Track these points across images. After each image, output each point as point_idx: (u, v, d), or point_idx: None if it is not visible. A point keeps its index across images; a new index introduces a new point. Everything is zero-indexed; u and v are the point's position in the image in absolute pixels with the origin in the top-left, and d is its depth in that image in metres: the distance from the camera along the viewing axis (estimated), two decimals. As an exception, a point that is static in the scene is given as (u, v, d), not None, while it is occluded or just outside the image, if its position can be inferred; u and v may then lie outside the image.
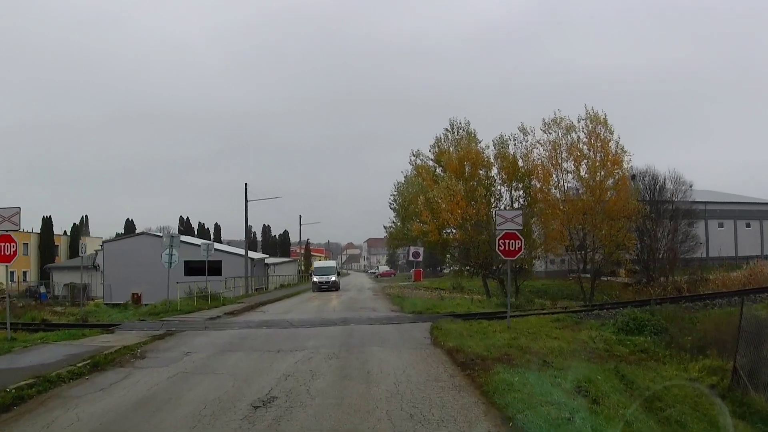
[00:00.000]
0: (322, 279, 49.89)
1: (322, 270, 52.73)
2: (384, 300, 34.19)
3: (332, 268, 54.13)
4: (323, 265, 57.95)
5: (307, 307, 28.08)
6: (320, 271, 52.58)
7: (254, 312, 26.11)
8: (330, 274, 51.01)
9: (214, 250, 51.18)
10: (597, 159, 38.11)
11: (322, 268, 54.35)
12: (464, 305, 25.95)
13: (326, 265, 57.36)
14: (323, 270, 52.61)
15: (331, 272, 51.58)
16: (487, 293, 40.82)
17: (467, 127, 40.03)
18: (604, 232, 37.91)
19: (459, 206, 36.09)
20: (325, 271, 51.88)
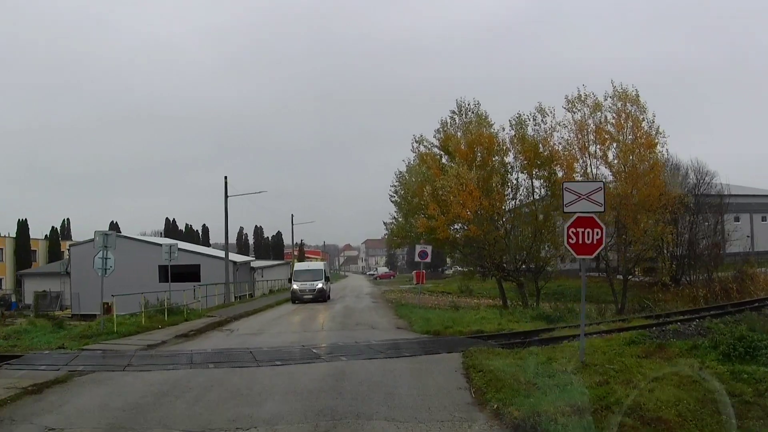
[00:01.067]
0: (304, 286, 36.25)
1: (304, 274, 38.05)
2: (386, 310, 27.94)
3: (319, 271, 38.31)
4: (306, 267, 41.60)
5: (287, 324, 21.86)
6: (302, 275, 37.87)
7: (217, 332, 19.83)
8: (315, 279, 37.00)
9: (193, 253, 45.59)
10: (627, 141, 31.96)
11: (304, 271, 38.96)
12: (491, 318, 19.76)
13: (310, 267, 41.24)
14: (306, 274, 37.94)
15: (316, 277, 37.22)
16: (503, 299, 34.70)
17: (477, 109, 33.82)
18: (642, 225, 31.87)
19: (472, 197, 30.00)
20: (308, 276, 37.57)
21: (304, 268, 41.04)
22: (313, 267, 41.39)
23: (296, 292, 36.07)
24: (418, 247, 29.26)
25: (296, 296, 35.80)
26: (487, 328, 17.44)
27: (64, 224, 79.64)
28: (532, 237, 32.34)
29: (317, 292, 35.83)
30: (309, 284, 36.22)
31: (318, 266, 41.06)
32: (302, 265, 44.38)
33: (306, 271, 39.10)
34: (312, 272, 38.18)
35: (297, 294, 35.94)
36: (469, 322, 18.61)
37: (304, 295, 35.52)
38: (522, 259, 33.12)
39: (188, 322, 22.87)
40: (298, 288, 36.23)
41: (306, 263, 49.55)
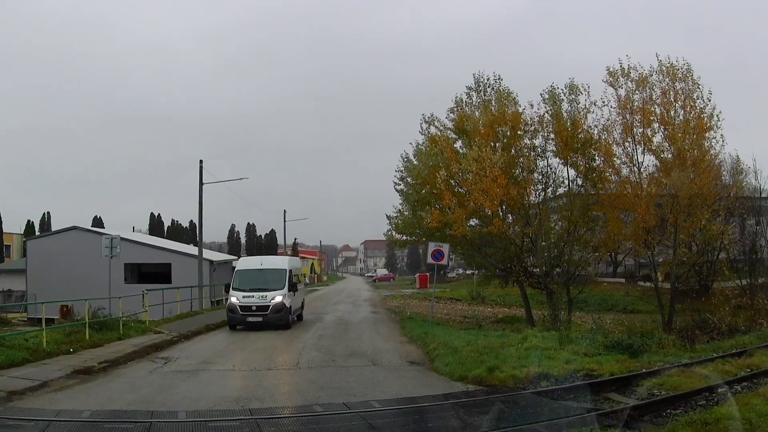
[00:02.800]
0: (249, 300, 20.86)
1: (251, 278, 21.93)
2: (389, 326, 21.38)
3: (278, 273, 21.99)
4: (256, 266, 23.30)
5: (249, 351, 15.13)
6: (247, 279, 21.89)
7: (143, 364, 13.13)
8: (271, 287, 21.15)
9: (163, 250, 38.99)
10: (677, 123, 25.47)
11: (251, 273, 22.36)
12: (545, 347, 13.14)
13: (264, 266, 23.11)
14: (254, 278, 21.85)
15: (273, 283, 21.36)
16: (527, 310, 28.20)
17: (498, 85, 27.00)
18: (703, 222, 25.47)
19: (496, 185, 23.44)
20: (257, 280, 21.64)
21: (253, 266, 22.97)
22: (269, 265, 22.92)
23: (235, 310, 20.63)
24: (432, 246, 22.72)
25: (235, 317, 20.70)
26: (553, 367, 10.91)
27: (44, 218, 72.89)
28: (566, 235, 25.70)
29: (273, 312, 20.27)
30: (258, 296, 20.65)
31: (278, 263, 23.40)
32: (250, 262, 24.52)
33: (255, 272, 22.10)
34: (266, 274, 21.73)
35: (236, 313, 20.65)
36: (519, 355, 12.05)
37: (249, 317, 20.41)
38: (553, 261, 26.54)
39: (121, 341, 16.35)
40: (238, 303, 20.65)
41: (258, 258, 26.68)
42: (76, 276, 33.70)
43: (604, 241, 25.99)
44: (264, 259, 25.50)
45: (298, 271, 25.58)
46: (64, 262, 36.42)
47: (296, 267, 25.52)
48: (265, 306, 20.57)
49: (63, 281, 34.56)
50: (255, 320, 20.43)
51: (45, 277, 36.91)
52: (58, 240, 38.46)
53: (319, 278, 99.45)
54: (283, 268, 22.40)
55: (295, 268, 24.57)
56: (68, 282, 33.56)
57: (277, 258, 28.22)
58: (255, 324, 20.30)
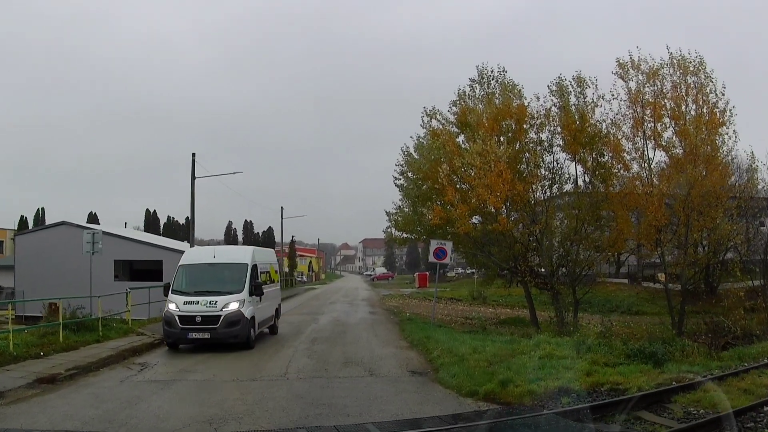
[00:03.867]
0: (190, 309, 14.69)
1: (199, 275, 15.85)
2: (388, 328, 20.03)
3: (238, 268, 15.78)
4: (207, 258, 16.64)
5: (230, 366, 12.51)
6: (195, 277, 15.79)
7: (117, 371, 11.65)
8: (228, 288, 15.24)
9: (154, 247, 37.62)
10: (689, 118, 24.21)
11: (200, 267, 16.16)
12: (561, 355, 11.81)
13: (217, 259, 16.50)
14: (204, 276, 15.85)
15: (230, 283, 15.40)
16: (531, 312, 26.88)
17: (502, 77, 25.62)
18: (718, 222, 24.27)
19: (502, 180, 22.12)
20: (208, 280, 15.69)
21: (202, 260, 16.68)
22: (224, 258, 16.66)
23: (172, 322, 14.70)
24: (434, 243, 21.38)
25: (172, 332, 14.75)
26: (573, 380, 9.61)
27: (38, 214, 71.50)
28: (573, 234, 24.34)
29: (225, 325, 14.54)
30: (205, 303, 14.72)
31: (237, 256, 16.89)
32: (198, 255, 17.86)
33: (205, 268, 16.09)
34: (219, 271, 15.92)
35: (173, 326, 14.69)
36: (533, 365, 10.73)
37: (191, 332, 14.52)
38: (560, 261, 25.23)
39: (98, 344, 15.07)
40: (177, 312, 14.74)
41: (210, 249, 19.21)
42: (66, 272, 32.40)
43: (613, 240, 24.59)
44: (219, 249, 18.29)
45: (267, 267, 18.07)
46: (54, 258, 35.18)
47: (265, 261, 17.90)
48: (213, 317, 14.22)
49: (52, 277, 33.33)
50: (199, 337, 14.18)
51: (34, 273, 35.64)
52: (47, 235, 37.14)
53: (317, 277, 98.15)
54: (243, 262, 15.68)
55: (263, 263, 17.40)
56: (57, 278, 32.29)
57: (237, 249, 21.12)
58: (200, 342, 14.35)
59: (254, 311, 15.51)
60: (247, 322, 14.86)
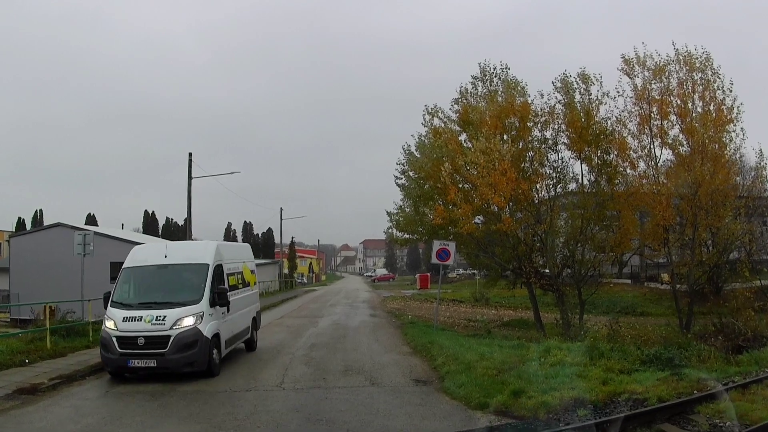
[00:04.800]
0: (131, 327, 11.06)
1: (146, 281, 12.29)
2: (390, 332, 19.31)
3: (195, 271, 12.10)
4: (157, 260, 12.50)
5: (222, 377, 11.38)
6: (140, 283, 12.27)
7: (85, 389, 10.66)
8: (180, 298, 11.66)
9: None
10: (696, 115, 23.66)
11: (147, 270, 12.35)
12: (573, 362, 11.13)
13: (171, 261, 12.49)
14: (152, 281, 12.30)
15: (184, 291, 11.89)
16: (536, 314, 26.18)
17: (505, 75, 25.01)
18: (727, 221, 23.79)
19: (506, 178, 21.50)
20: (157, 286, 12.18)
21: (151, 260, 12.65)
22: (179, 258, 12.73)
23: (109, 345, 11.14)
24: (436, 244, 20.71)
25: (110, 358, 11.15)
26: (589, 390, 8.97)
27: (36, 215, 70.91)
28: (578, 233, 23.68)
29: (176, 348, 10.94)
30: (150, 318, 11.11)
31: (195, 254, 12.91)
32: (146, 254, 13.15)
33: (153, 271, 12.45)
34: (172, 275, 12.47)
35: (111, 351, 11.10)
36: (545, 373, 10.07)
37: (132, 359, 10.95)
38: (564, 262, 24.59)
39: (88, 350, 14.50)
40: (114, 333, 11.16)
41: (161, 247, 13.75)
42: (61, 274, 31.63)
43: (619, 240, 23.92)
44: (172, 246, 13.81)
45: (239, 267, 14.30)
46: (49, 260, 34.48)
47: (236, 259, 14.21)
48: (161, 337, 10.84)
49: (48, 280, 32.68)
50: (142, 365, 10.79)
51: (29, 275, 35.02)
52: (43, 237, 36.53)
53: (317, 278, 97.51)
54: (202, 262, 12.08)
55: (233, 262, 13.80)
56: (53, 281, 31.64)
57: (196, 245, 15.77)
58: (144, 372, 10.97)
59: (218, 327, 11.77)
60: (206, 342, 11.09)
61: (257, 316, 15.88)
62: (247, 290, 14.89)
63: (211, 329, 11.49)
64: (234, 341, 13.30)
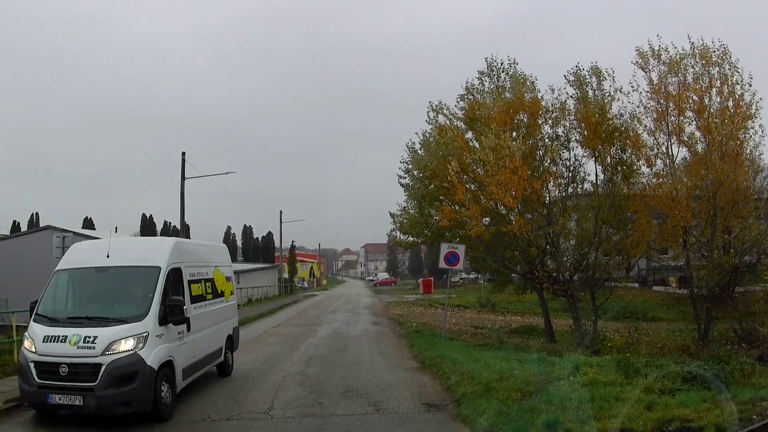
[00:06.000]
0: (52, 350, 8.39)
1: (81, 288, 9.75)
2: (394, 342, 17.86)
3: (143, 276, 9.38)
4: (97, 261, 9.62)
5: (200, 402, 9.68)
6: (74, 291, 9.78)
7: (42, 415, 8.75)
8: (118, 313, 8.94)
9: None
10: (713, 111, 22.27)
11: (84, 274, 9.71)
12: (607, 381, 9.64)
13: (114, 263, 9.51)
14: (87, 289, 9.74)
15: (125, 304, 9.22)
16: (546, 320, 24.76)
17: (513, 69, 23.61)
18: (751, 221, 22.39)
19: (517, 177, 20.06)
20: (93, 296, 9.61)
21: (90, 262, 9.79)
22: (123, 260, 9.64)
23: (26, 372, 8.60)
24: (445, 247, 19.26)
25: (27, 390, 8.56)
26: (634, 418, 7.48)
27: (32, 219, 69.46)
28: (592, 236, 22.20)
29: (109, 383, 8.15)
30: (77, 340, 8.35)
31: (143, 254, 9.92)
32: (85, 254, 10.22)
33: (91, 275, 9.70)
34: (113, 282, 9.58)
35: (28, 381, 8.54)
36: (578, 396, 8.56)
37: (52, 393, 8.25)
38: (577, 265, 23.11)
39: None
40: (33, 356, 8.61)
41: (103, 244, 9.93)
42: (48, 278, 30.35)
43: (635, 242, 22.44)
44: (117, 244, 9.95)
45: (208, 272, 11.67)
46: (38, 264, 33.00)
47: (203, 262, 11.58)
48: (88, 366, 8.24)
49: (37, 286, 31.13)
50: (65, 403, 8.22)
51: (17, 281, 33.57)
52: (31, 241, 35.13)
53: (318, 282, 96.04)
54: (152, 265, 9.44)
55: (199, 265, 11.24)
56: (42, 285, 30.23)
57: (147, 242, 12.93)
58: (66, 412, 8.41)
59: (171, 352, 9.03)
60: (150, 374, 8.35)
61: (234, 333, 12.91)
62: (219, 302, 11.91)
63: (158, 356, 8.60)
64: (197, 369, 10.36)
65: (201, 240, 16.40)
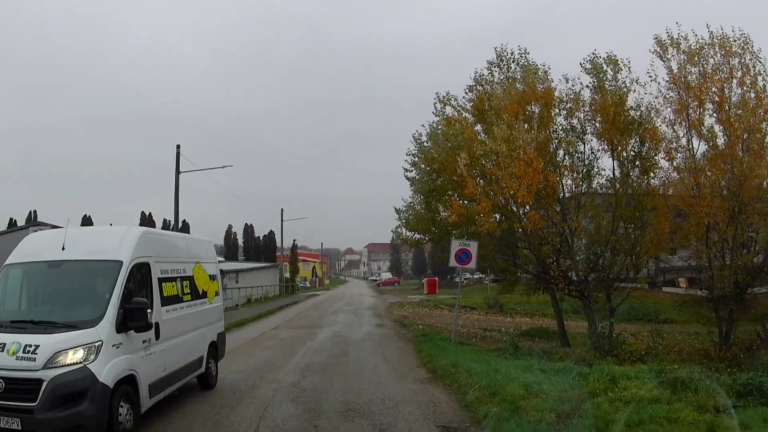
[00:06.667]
0: None
1: (31, 285, 8.03)
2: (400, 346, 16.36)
3: (99, 273, 7.75)
4: (51, 255, 7.89)
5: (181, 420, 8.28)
6: (21, 290, 8.00)
7: None
8: (69, 317, 7.27)
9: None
10: (734, 102, 20.95)
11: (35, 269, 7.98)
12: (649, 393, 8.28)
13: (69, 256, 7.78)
14: (37, 287, 8.01)
15: (77, 305, 7.55)
16: (559, 322, 23.33)
17: (524, 59, 22.24)
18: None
19: (532, 170, 18.63)
20: (43, 296, 7.98)
21: (43, 255, 8.04)
22: (77, 251, 7.92)
23: None
24: (456, 244, 17.80)
25: None
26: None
27: (30, 216, 68.03)
28: (610, 233, 20.76)
29: (50, 404, 6.54)
30: (15, 349, 6.72)
31: (103, 245, 8.08)
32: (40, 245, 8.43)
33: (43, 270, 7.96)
34: (62, 277, 7.86)
35: None
36: (628, 419, 7.11)
37: None
38: (593, 265, 21.65)
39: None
40: None
41: (58, 235, 8.24)
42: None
43: (655, 240, 21.01)
44: (75, 235, 8.44)
45: (186, 268, 9.94)
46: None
47: (178, 258, 9.78)
48: (27, 382, 6.66)
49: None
50: (2, 425, 6.61)
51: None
52: (18, 238, 33.51)
53: (320, 282, 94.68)
54: (113, 259, 7.80)
55: (173, 261, 9.48)
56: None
57: (109, 233, 9.01)
58: None
59: (132, 364, 7.45)
60: (103, 393, 6.77)
61: (219, 339, 11.18)
62: (199, 304, 10.20)
63: (114, 370, 7.01)
64: (169, 383, 8.66)
65: (176, 233, 14.60)
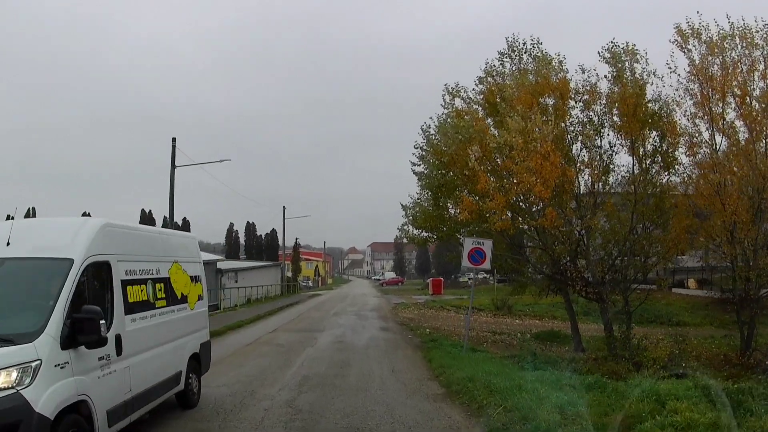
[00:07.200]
0: None
1: None
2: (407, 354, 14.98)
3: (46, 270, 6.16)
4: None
5: None
6: None
7: None
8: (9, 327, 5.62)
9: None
10: (757, 95, 19.84)
11: None
12: (702, 416, 6.98)
13: (11, 251, 6.22)
14: None
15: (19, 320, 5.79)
16: (573, 326, 22.07)
17: (536, 50, 21.00)
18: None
19: (550, 164, 17.39)
20: None
21: None
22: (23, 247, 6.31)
23: None
24: (469, 243, 16.44)
25: None
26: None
27: (28, 214, 66.93)
28: (628, 232, 19.47)
29: None
30: None
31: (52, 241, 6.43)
32: None
33: None
34: (4, 275, 6.22)
35: None
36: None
37: None
38: (610, 266, 20.38)
39: None
40: None
41: (4, 226, 6.54)
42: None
43: (676, 239, 19.75)
44: (22, 228, 6.76)
45: (161, 268, 8.33)
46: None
47: (149, 256, 8.05)
48: None
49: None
50: None
51: None
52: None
53: (323, 281, 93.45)
54: (61, 257, 6.22)
55: (142, 259, 7.77)
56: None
57: (61, 226, 7.01)
58: None
59: (83, 388, 5.96)
60: (40, 425, 5.29)
61: (203, 350, 9.64)
62: (177, 310, 8.69)
63: (57, 396, 5.53)
64: (136, 407, 7.13)
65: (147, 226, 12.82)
